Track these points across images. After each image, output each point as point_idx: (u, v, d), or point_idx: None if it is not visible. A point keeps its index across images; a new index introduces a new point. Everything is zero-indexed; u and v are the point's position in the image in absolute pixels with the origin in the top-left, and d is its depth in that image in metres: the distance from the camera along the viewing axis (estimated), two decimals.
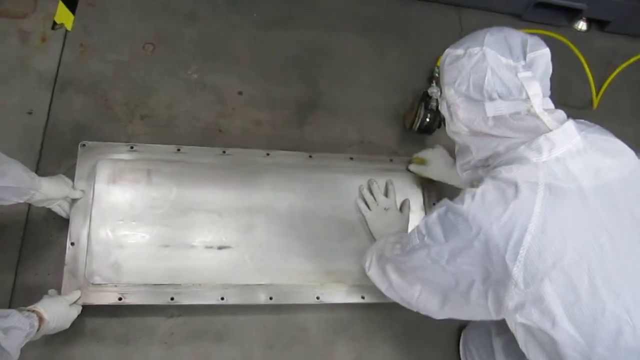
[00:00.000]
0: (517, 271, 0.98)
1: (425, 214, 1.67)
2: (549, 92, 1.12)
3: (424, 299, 1.22)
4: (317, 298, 1.50)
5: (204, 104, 1.70)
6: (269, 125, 1.72)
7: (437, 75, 1.87)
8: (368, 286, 1.50)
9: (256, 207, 1.56)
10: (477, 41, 1.09)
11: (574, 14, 2.14)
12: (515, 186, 1.00)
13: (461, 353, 1.58)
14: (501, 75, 1.05)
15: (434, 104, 1.74)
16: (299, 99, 1.78)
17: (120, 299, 1.39)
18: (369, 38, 1.94)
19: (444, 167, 1.62)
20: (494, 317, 1.09)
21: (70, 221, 1.43)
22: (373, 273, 1.39)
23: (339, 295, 1.52)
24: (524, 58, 1.06)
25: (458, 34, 1.97)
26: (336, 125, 1.77)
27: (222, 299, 1.44)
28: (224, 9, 1.85)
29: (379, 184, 1.65)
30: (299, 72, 1.82)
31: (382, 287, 1.37)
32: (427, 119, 1.72)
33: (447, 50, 1.17)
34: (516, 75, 1.05)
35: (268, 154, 1.61)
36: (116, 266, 1.42)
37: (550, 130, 1.04)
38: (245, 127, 1.70)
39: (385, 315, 1.58)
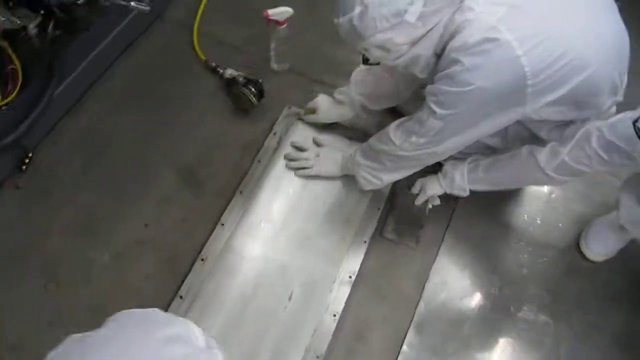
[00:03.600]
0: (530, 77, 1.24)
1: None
2: None
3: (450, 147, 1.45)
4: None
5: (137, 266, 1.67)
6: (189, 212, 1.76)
7: (213, 64, 2.03)
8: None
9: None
10: (337, 7, 1.27)
11: None
12: (488, 41, 1.21)
13: None
14: None
15: (240, 79, 1.94)
16: (177, 172, 1.83)
17: None
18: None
19: (333, 109, 1.84)
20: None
21: None
22: (380, 182, 1.64)
23: None
24: None
25: None
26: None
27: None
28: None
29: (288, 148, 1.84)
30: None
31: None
32: (252, 94, 1.90)
33: (340, 21, 1.30)
34: None
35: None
36: None
37: None
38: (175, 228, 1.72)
39: None
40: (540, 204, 1.86)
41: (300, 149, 1.82)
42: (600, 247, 1.75)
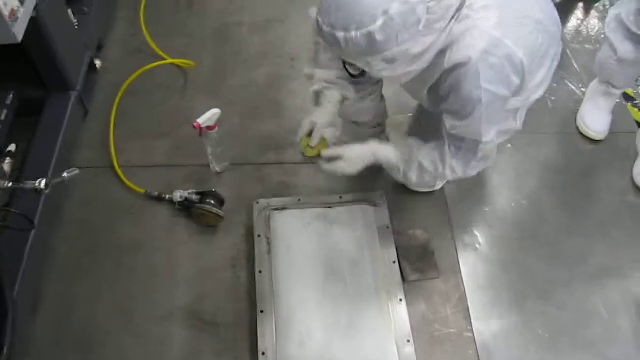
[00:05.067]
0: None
1: None
2: None
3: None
4: None
5: None
6: None
7: (156, 194, 1.88)
8: None
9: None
10: (346, 18, 1.16)
11: None
12: (491, 54, 1.28)
13: None
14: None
15: (194, 197, 1.82)
16: (182, 323, 1.66)
17: None
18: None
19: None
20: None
21: None
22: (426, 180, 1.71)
23: None
24: None
25: None
26: None
27: None
28: None
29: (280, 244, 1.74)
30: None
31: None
32: (215, 207, 1.79)
33: (351, 35, 1.17)
34: None
35: None
36: None
37: None
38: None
39: None
40: (515, 185, 1.98)
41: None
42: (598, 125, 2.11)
